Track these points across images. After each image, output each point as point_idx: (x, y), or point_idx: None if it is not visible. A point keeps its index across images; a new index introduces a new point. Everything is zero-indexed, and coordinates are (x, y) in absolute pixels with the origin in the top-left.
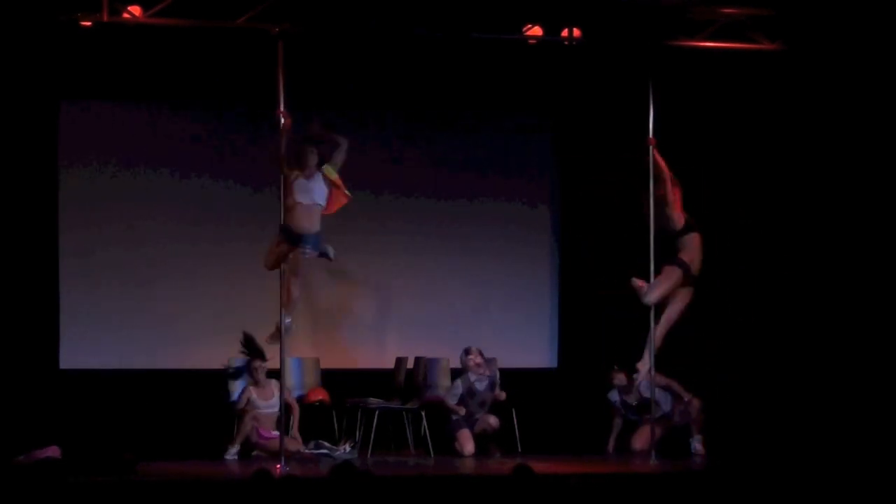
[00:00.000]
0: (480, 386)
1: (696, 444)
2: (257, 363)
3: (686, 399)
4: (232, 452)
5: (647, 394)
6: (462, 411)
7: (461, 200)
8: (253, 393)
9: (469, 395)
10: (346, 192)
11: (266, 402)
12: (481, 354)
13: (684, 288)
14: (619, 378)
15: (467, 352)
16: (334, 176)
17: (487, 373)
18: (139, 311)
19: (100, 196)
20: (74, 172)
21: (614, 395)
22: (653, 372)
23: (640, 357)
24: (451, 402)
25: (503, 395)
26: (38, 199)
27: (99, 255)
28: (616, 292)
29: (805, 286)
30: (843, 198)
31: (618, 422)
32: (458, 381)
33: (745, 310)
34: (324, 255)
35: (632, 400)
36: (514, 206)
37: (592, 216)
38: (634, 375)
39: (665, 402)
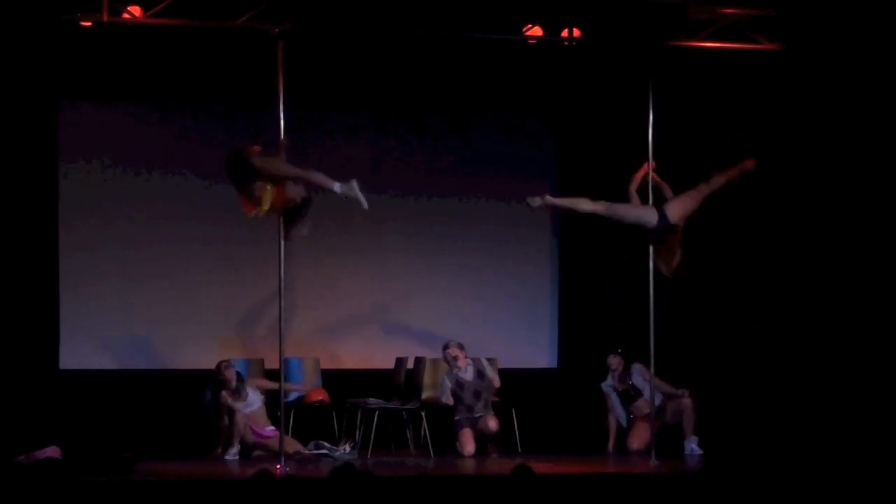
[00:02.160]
0: (467, 376)
1: (693, 446)
2: (223, 366)
3: (679, 394)
4: (232, 453)
5: (637, 383)
6: (451, 401)
7: (461, 200)
8: (227, 398)
9: (459, 387)
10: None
11: (242, 402)
12: (459, 346)
13: None
14: (616, 362)
15: (445, 346)
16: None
17: (468, 362)
18: (139, 311)
19: (99, 196)
20: (74, 172)
21: (607, 383)
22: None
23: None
24: (443, 398)
25: (496, 379)
26: (38, 198)
27: (99, 254)
28: (616, 292)
29: (803, 285)
30: (843, 197)
31: (612, 421)
32: (444, 377)
33: (741, 309)
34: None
35: (620, 386)
36: (515, 205)
37: (592, 216)
38: (635, 367)
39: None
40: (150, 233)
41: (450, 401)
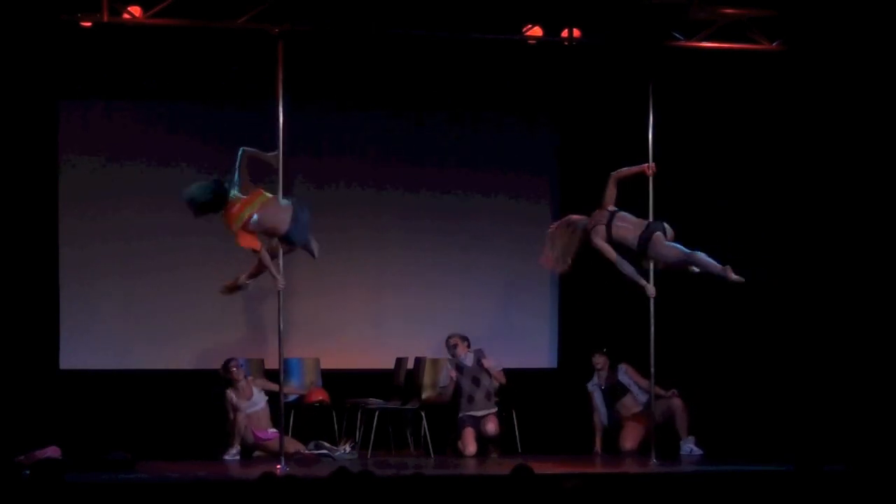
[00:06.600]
0: (468, 362)
1: (691, 446)
2: (232, 365)
3: (667, 395)
4: (232, 453)
5: (623, 381)
6: (453, 374)
7: (461, 199)
8: (233, 396)
9: (458, 371)
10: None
11: (247, 401)
12: (461, 337)
13: None
14: (601, 361)
15: (449, 337)
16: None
17: (468, 351)
18: (139, 311)
19: (100, 196)
20: (74, 172)
21: (593, 382)
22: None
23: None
24: (441, 383)
25: (490, 363)
26: (38, 198)
27: (99, 255)
28: (616, 292)
29: (803, 285)
30: (843, 197)
31: (598, 420)
32: (447, 363)
33: (739, 310)
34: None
35: (604, 385)
36: (515, 204)
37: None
38: (621, 366)
39: (640, 394)
40: (150, 233)
41: (450, 387)
